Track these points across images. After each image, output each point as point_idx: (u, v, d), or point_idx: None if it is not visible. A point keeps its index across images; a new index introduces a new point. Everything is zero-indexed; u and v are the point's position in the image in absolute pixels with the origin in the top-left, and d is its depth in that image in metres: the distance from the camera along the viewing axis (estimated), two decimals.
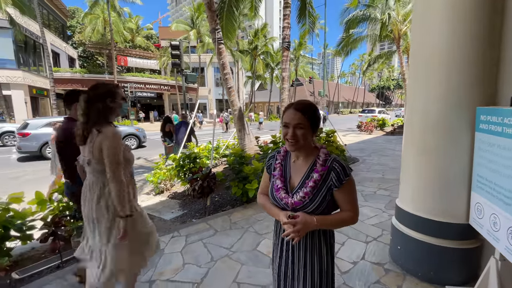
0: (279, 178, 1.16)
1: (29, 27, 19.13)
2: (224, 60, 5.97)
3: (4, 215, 2.42)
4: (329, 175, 1.09)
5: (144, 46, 32.31)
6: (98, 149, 1.50)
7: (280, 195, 1.12)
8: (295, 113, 1.06)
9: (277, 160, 1.21)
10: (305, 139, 1.08)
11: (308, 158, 1.14)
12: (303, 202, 1.08)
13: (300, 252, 1.14)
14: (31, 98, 18.98)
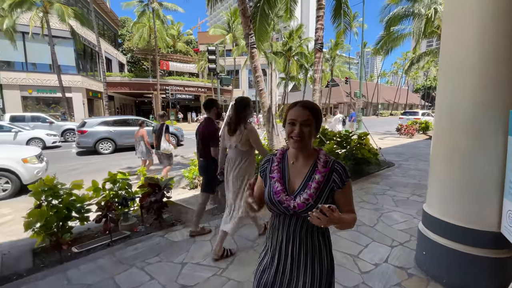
0: (278, 181, 1.10)
1: (87, 37, 21.62)
2: (256, 64, 6.18)
3: (67, 199, 2.91)
4: (331, 176, 1.07)
5: (184, 51, 34.26)
6: (245, 137, 2.47)
7: (281, 198, 1.06)
8: (303, 110, 1.05)
9: (274, 163, 1.16)
10: (310, 138, 1.06)
11: (308, 160, 1.11)
12: (306, 205, 1.03)
13: (301, 257, 1.09)
14: (87, 100, 21.42)
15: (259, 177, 1.22)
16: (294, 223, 1.09)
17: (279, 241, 1.12)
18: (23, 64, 18.91)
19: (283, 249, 1.11)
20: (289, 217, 1.09)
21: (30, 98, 19.15)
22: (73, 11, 17.29)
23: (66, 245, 2.85)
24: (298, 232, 1.09)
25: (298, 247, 1.09)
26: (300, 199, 1.04)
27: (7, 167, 5.03)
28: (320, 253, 1.11)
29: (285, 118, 1.11)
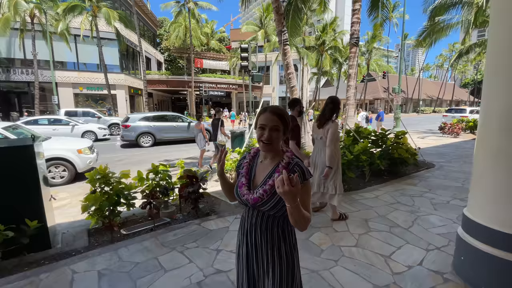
0: (244, 176, 1.22)
1: (130, 37, 23.23)
2: (289, 61, 6.20)
3: (117, 186, 3.26)
4: None
5: (217, 48, 35.12)
6: (327, 131, 2.95)
7: (242, 191, 1.18)
8: (271, 116, 1.13)
9: (245, 160, 1.27)
10: (278, 141, 1.15)
11: (274, 160, 1.19)
12: (261, 200, 1.11)
13: (263, 247, 1.18)
14: (129, 97, 23.12)
15: (235, 172, 1.35)
16: (255, 215, 1.20)
17: (245, 231, 1.24)
18: (75, 64, 20.98)
19: (248, 239, 1.22)
20: (251, 210, 1.21)
21: (81, 95, 21.22)
22: (118, 14, 18.69)
23: (116, 227, 3.21)
24: (259, 224, 1.19)
25: (259, 238, 1.19)
26: (256, 194, 1.14)
27: (65, 157, 5.72)
28: (279, 247, 1.17)
29: (256, 123, 1.20)
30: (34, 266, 2.56)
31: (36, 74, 17.75)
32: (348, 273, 2.33)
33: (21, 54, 19.08)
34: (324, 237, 2.94)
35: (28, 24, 17.40)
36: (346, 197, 4.16)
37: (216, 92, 30.50)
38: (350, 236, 2.97)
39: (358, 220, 3.39)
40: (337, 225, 3.25)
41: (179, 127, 11.79)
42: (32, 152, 2.69)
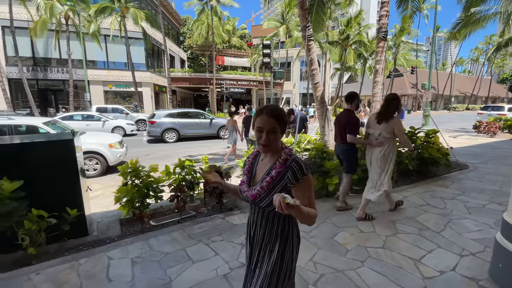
0: (246, 174, 1.29)
1: (155, 36, 23.99)
2: (313, 57, 6.07)
3: (146, 180, 3.42)
4: (286, 173, 1.13)
5: (238, 45, 35.27)
6: (391, 127, 3.03)
7: (243, 188, 1.25)
8: (268, 119, 1.13)
9: (249, 159, 1.33)
10: (276, 142, 1.17)
11: (273, 157, 1.21)
12: (258, 196, 1.16)
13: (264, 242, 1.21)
14: (154, 94, 23.97)
15: None
16: (256, 211, 1.25)
17: (250, 225, 1.29)
18: (104, 63, 22.08)
19: (252, 232, 1.27)
20: (253, 206, 1.26)
21: (110, 92, 22.33)
22: (144, 14, 19.37)
23: (146, 218, 3.38)
24: (259, 220, 1.23)
25: (258, 233, 1.23)
26: (254, 190, 1.18)
27: (98, 151, 6.08)
28: (273, 244, 1.20)
29: (253, 123, 1.22)
30: (74, 251, 2.77)
31: (70, 72, 18.93)
32: (375, 275, 2.28)
33: (57, 54, 20.42)
34: (349, 237, 2.89)
35: (63, 25, 18.54)
36: None
37: (237, 89, 30.73)
38: (377, 237, 2.90)
39: (385, 221, 3.29)
40: (363, 225, 3.18)
41: (202, 123, 12.08)
42: (73, 146, 2.90)
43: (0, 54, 17.96)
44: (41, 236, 2.61)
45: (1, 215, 2.38)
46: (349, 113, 3.40)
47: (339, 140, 3.56)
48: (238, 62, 33.64)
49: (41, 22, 16.71)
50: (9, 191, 2.42)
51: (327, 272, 2.31)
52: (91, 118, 12.40)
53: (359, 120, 3.45)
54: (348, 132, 3.32)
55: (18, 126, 5.80)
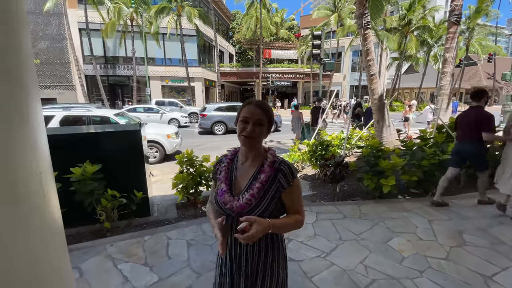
0: (224, 182, 1.08)
1: (206, 33, 25.08)
2: (369, 46, 5.66)
3: (200, 169, 3.66)
4: (276, 176, 1.03)
5: (286, 37, 34.69)
6: None
7: (224, 199, 1.03)
8: (255, 109, 1.03)
9: (223, 164, 1.13)
10: (261, 138, 1.05)
11: (256, 160, 1.09)
12: (249, 205, 1.00)
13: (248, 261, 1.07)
14: (205, 88, 25.24)
15: (212, 179, 1.20)
16: (236, 224, 0.99)
17: (229, 244, 1.08)
18: (162, 60, 23.99)
19: (233, 252, 1.08)
20: (234, 220, 1.03)
21: (167, 87, 24.27)
22: (197, 11, 20.37)
23: (199, 204, 3.65)
24: None
25: (245, 251, 1.06)
26: (243, 199, 1.01)
27: (157, 140, 6.71)
28: (266, 256, 1.07)
29: (237, 116, 1.07)
30: (139, 228, 3.14)
31: (134, 69, 21.10)
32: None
33: (123, 53, 22.91)
34: (406, 244, 2.67)
35: (128, 26, 20.65)
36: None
37: (283, 82, 30.40)
38: (439, 247, 2.62)
39: (449, 230, 2.95)
40: (422, 232, 2.90)
41: None
42: (140, 135, 3.25)
43: (78, 54, 20.88)
44: (114, 213, 3.02)
45: (84, 192, 2.82)
46: (481, 110, 3.30)
47: (468, 137, 3.38)
48: (285, 54, 33.15)
49: (111, 24, 18.89)
50: (90, 172, 2.85)
51: (379, 278, 2.19)
52: (151, 111, 13.70)
53: (493, 117, 3.26)
54: (484, 130, 3.20)
55: (94, 116, 6.73)
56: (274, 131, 12.87)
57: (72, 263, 2.37)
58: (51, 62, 20.88)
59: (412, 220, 3.15)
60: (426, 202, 3.65)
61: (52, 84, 21.21)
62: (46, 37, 20.64)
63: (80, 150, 3.12)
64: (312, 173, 5.66)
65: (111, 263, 2.37)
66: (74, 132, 3.34)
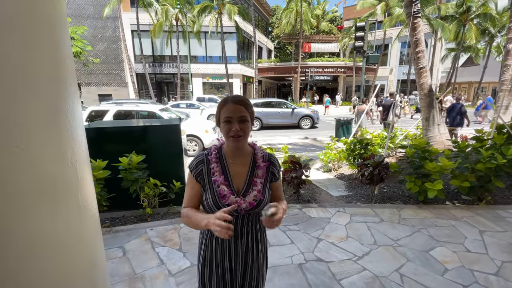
0: (223, 184, 1.05)
1: (246, 29, 25.34)
2: (419, 36, 5.16)
3: None
4: (269, 169, 1.12)
5: (327, 30, 33.35)
6: None
7: (230, 201, 1.03)
8: (236, 107, 1.01)
9: (211, 164, 1.08)
10: (248, 134, 1.05)
11: (246, 156, 1.11)
12: (257, 202, 1.05)
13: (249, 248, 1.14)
14: (243, 84, 25.66)
15: (192, 181, 1.09)
16: (240, 221, 1.09)
17: (226, 242, 1.11)
18: (203, 57, 24.97)
19: (232, 247, 1.11)
20: (238, 217, 1.08)
21: (207, 84, 25.25)
22: (237, 8, 20.68)
23: None
24: (246, 227, 1.11)
25: (246, 240, 1.12)
26: (250, 197, 1.05)
27: (197, 134, 7.06)
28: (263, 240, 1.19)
29: (218, 118, 1.06)
30: (176, 216, 3.36)
31: (178, 67, 22.35)
32: None
33: (168, 51, 24.38)
34: (451, 255, 2.42)
35: (173, 26, 21.87)
36: (487, 211, 3.24)
37: (322, 77, 29.38)
38: (489, 261, 2.33)
39: (502, 243, 2.59)
40: (471, 244, 2.60)
41: (284, 113, 12.29)
42: (179, 129, 3.47)
43: (130, 53, 22.80)
44: (155, 200, 3.29)
45: (130, 180, 3.12)
46: None
47: None
48: (326, 48, 31.94)
49: (158, 25, 20.20)
50: (136, 162, 3.13)
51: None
52: (192, 106, 14.42)
53: None
54: None
55: (142, 111, 7.34)
56: (310, 127, 12.58)
57: (117, 243, 2.66)
58: (108, 61, 23.18)
59: (460, 229, 2.84)
60: (479, 211, 3.25)
61: (108, 82, 23.59)
62: (104, 39, 22.95)
63: (127, 142, 3.44)
64: (349, 172, 5.43)
65: (150, 246, 2.59)
66: (123, 125, 3.70)
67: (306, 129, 12.36)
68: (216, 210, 1.02)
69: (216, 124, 1.12)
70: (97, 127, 3.55)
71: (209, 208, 1.07)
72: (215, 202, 1.04)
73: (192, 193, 1.10)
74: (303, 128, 12.50)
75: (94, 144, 3.43)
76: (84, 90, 23.24)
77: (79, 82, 23.00)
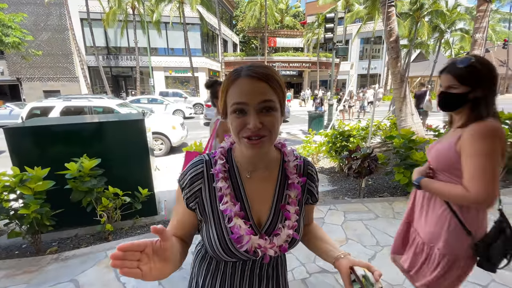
0: (238, 215, 0.64)
1: (210, 21, 24.32)
2: (393, 26, 5.13)
3: None
4: (305, 187, 0.73)
5: (291, 25, 33.65)
6: None
7: (252, 246, 0.63)
8: (254, 84, 0.58)
9: (215, 180, 0.66)
10: (277, 130, 0.61)
11: (271, 166, 0.70)
12: (290, 242, 0.67)
13: None
14: (208, 78, 24.72)
15: (179, 205, 0.69)
16: (258, 266, 0.73)
17: None
18: (165, 50, 23.41)
19: None
20: (253, 261, 0.72)
21: (170, 77, 23.78)
22: None
23: None
24: (266, 269, 0.74)
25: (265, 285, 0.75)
26: (281, 239, 0.65)
27: (162, 132, 6.34)
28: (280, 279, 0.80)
29: (223, 105, 0.63)
30: (145, 229, 2.79)
31: (137, 60, 20.60)
32: None
33: (125, 43, 22.36)
34: None
35: (130, 15, 20.04)
36: None
37: (288, 72, 29.68)
38: None
39: None
40: None
41: None
42: (143, 125, 2.87)
43: (80, 44, 20.40)
44: (116, 213, 2.68)
45: (82, 191, 2.47)
46: None
47: None
48: (291, 42, 32.22)
49: (111, 13, 18.32)
50: (89, 168, 2.48)
51: None
52: (155, 101, 13.32)
53: None
54: None
55: (96, 107, 6.38)
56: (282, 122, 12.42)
57: (67, 274, 2.03)
58: (54, 53, 20.47)
59: None
60: None
61: (55, 76, 20.89)
62: (48, 28, 20.17)
63: (77, 143, 2.76)
64: (329, 166, 5.27)
65: (113, 275, 2.02)
66: (70, 122, 2.97)
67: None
68: (222, 255, 0.65)
69: (221, 116, 0.66)
70: (34, 126, 2.78)
71: (212, 251, 0.66)
72: (223, 244, 0.64)
73: (179, 220, 0.69)
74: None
75: (32, 147, 2.68)
76: (26, 85, 20.30)
77: (19, 76, 20.01)
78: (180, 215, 0.69)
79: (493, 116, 1.00)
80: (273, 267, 0.77)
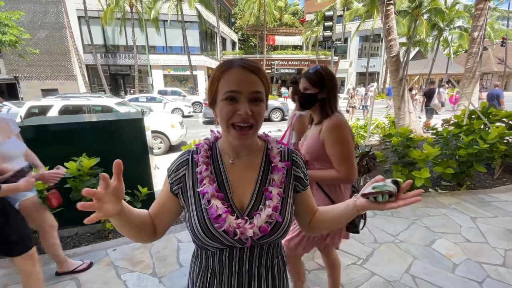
0: (216, 196, 0.66)
1: (208, 19, 24.24)
2: (391, 24, 5.14)
3: None
4: (291, 172, 0.73)
5: (290, 23, 33.57)
6: None
7: (229, 226, 0.64)
8: (246, 75, 0.61)
9: (198, 168, 0.69)
10: (262, 121, 0.65)
11: (254, 154, 0.72)
12: (272, 225, 0.66)
13: None
14: (207, 77, 24.65)
15: (166, 189, 0.72)
16: (248, 255, 0.70)
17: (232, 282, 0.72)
18: (163, 48, 23.29)
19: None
20: (240, 250, 0.69)
21: (168, 76, 23.69)
22: None
23: None
24: (254, 266, 0.71)
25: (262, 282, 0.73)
26: (261, 219, 0.65)
27: (161, 130, 6.33)
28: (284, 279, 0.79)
29: (213, 93, 0.66)
30: None
31: (135, 58, 20.51)
32: None
33: (123, 41, 22.25)
34: (454, 247, 2.30)
35: (128, 13, 19.92)
36: (471, 197, 3.27)
37: (287, 70, 29.61)
38: (492, 251, 2.25)
39: (498, 229, 2.57)
40: (468, 232, 2.53)
41: None
42: (143, 124, 2.87)
43: (78, 43, 20.28)
44: None
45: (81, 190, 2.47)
46: None
47: None
48: (289, 40, 32.17)
49: (109, 11, 18.21)
50: (88, 167, 2.49)
51: None
52: (153, 100, 13.28)
53: None
54: None
55: (95, 106, 6.36)
56: (281, 119, 12.43)
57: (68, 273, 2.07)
58: (51, 51, 20.35)
59: (453, 217, 2.78)
60: (462, 197, 3.27)
61: (53, 75, 20.78)
62: (45, 26, 20.04)
63: (76, 142, 2.76)
64: None
65: (114, 273, 2.04)
66: (70, 122, 2.98)
67: (277, 122, 12.18)
68: (205, 238, 0.65)
69: (209, 105, 0.71)
70: (34, 125, 2.78)
71: (194, 236, 0.68)
72: (202, 226, 0.65)
73: (160, 202, 0.73)
74: (274, 120, 12.30)
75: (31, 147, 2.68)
76: (23, 84, 20.20)
77: (16, 75, 19.89)
78: (162, 198, 0.73)
79: (338, 112, 1.30)
80: (266, 267, 0.74)
